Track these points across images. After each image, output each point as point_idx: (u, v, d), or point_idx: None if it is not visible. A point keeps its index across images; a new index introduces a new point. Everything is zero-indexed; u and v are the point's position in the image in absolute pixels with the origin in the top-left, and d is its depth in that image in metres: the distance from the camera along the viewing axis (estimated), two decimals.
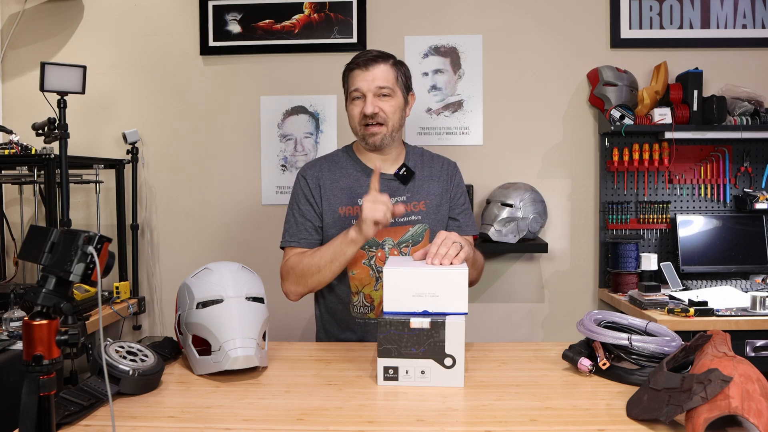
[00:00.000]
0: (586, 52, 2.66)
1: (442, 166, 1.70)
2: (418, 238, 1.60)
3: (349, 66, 1.61)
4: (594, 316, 1.30)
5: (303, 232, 1.62)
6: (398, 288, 1.20)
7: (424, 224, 1.61)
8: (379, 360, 1.18)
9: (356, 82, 1.56)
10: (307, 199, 1.63)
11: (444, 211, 1.66)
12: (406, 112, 1.64)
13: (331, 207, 1.61)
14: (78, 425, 0.99)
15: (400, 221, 1.60)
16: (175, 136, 2.75)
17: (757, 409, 0.84)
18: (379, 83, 1.55)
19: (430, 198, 1.63)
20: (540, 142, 2.69)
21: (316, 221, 1.62)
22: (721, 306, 2.09)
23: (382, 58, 1.58)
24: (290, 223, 1.65)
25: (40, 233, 0.93)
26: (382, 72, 1.56)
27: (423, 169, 1.67)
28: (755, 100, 2.51)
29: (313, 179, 1.64)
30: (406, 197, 1.62)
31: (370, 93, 1.55)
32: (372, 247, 1.58)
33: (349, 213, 1.60)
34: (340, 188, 1.62)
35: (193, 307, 1.27)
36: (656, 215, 2.61)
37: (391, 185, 1.61)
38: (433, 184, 1.66)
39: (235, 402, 1.10)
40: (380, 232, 1.56)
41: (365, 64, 1.56)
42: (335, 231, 1.58)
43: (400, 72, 1.60)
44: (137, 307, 2.57)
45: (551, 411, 1.05)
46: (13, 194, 2.73)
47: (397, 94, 1.58)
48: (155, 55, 2.74)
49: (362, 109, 1.56)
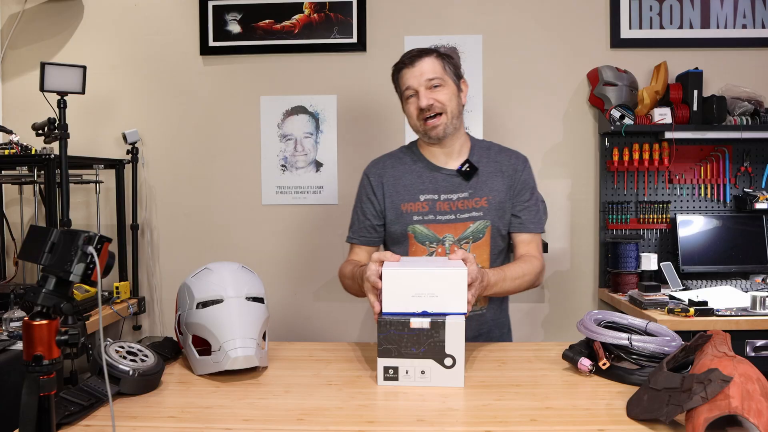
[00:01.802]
0: (586, 52, 2.66)
1: (509, 159, 1.66)
2: (479, 234, 1.60)
3: (396, 67, 1.63)
4: (594, 316, 1.30)
5: (363, 230, 1.67)
6: (397, 288, 1.20)
7: (486, 221, 1.60)
8: (379, 360, 1.18)
9: (406, 81, 1.59)
10: (369, 198, 1.67)
11: (508, 208, 1.63)
12: (462, 99, 1.64)
13: (393, 204, 1.64)
14: (78, 425, 0.99)
15: (461, 217, 1.60)
16: (175, 136, 2.75)
17: (757, 409, 0.84)
18: (428, 75, 1.56)
19: (493, 194, 1.62)
20: (540, 142, 2.69)
21: (376, 220, 1.66)
22: (721, 306, 2.09)
23: (425, 53, 1.60)
24: (353, 221, 1.71)
25: (40, 233, 0.93)
26: (428, 65, 1.58)
27: (489, 163, 1.65)
28: (755, 100, 2.51)
29: (375, 177, 1.67)
30: (468, 193, 1.61)
31: (421, 87, 1.57)
32: (432, 242, 1.60)
33: (410, 209, 1.62)
34: (403, 185, 1.65)
35: (193, 307, 1.27)
36: (656, 215, 2.61)
37: (453, 181, 1.62)
38: (498, 179, 1.63)
39: (235, 402, 1.10)
40: (441, 228, 1.59)
41: (410, 61, 1.58)
42: (398, 227, 1.62)
43: (446, 62, 1.62)
44: (137, 307, 2.57)
45: (551, 411, 1.05)
46: (13, 194, 2.73)
47: (447, 82, 1.59)
48: (155, 55, 2.74)
49: (417, 104, 1.57)
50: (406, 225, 1.61)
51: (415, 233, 1.60)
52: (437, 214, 1.60)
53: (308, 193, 2.73)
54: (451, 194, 1.61)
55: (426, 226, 1.60)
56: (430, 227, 1.60)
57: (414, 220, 1.60)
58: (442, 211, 1.60)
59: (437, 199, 1.61)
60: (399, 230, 1.61)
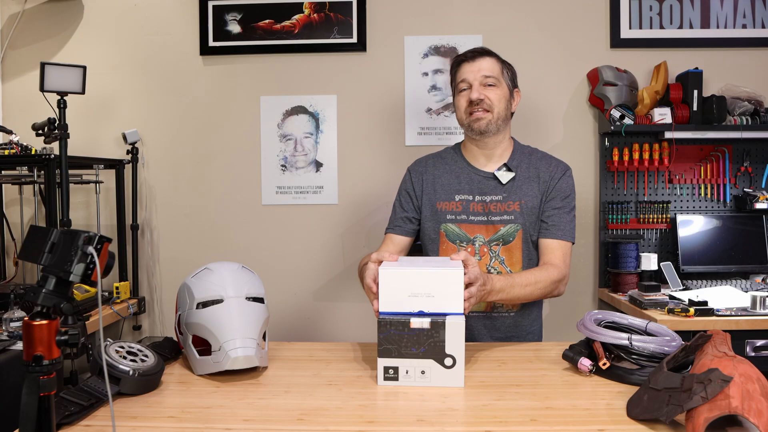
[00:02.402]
0: (586, 52, 2.66)
1: (549, 166, 1.67)
2: (509, 237, 1.62)
3: (457, 60, 1.67)
4: (594, 316, 1.30)
5: (399, 221, 1.73)
6: (394, 288, 1.19)
7: (517, 224, 1.62)
8: (379, 360, 1.18)
9: (463, 74, 1.63)
10: (408, 192, 1.74)
11: (540, 214, 1.64)
12: (512, 105, 1.68)
13: (429, 201, 1.69)
14: (78, 425, 0.99)
15: (492, 219, 1.63)
16: (175, 136, 2.75)
17: (757, 409, 0.84)
18: (485, 72, 1.61)
19: (526, 199, 1.63)
20: (540, 142, 2.67)
21: (412, 212, 1.72)
22: (721, 306, 2.09)
23: (488, 53, 1.65)
24: (393, 212, 1.77)
25: (40, 233, 0.93)
26: (488, 63, 1.62)
27: (528, 169, 1.67)
28: (755, 100, 2.51)
29: (417, 174, 1.74)
30: (502, 197, 1.64)
31: (476, 82, 1.61)
32: (463, 242, 1.63)
33: (444, 208, 1.66)
34: (441, 184, 1.69)
35: (193, 307, 1.27)
36: (656, 215, 2.61)
37: (489, 183, 1.65)
38: (533, 185, 1.65)
39: (235, 402, 1.10)
40: (472, 228, 1.63)
41: (472, 57, 1.63)
42: (431, 224, 1.67)
43: (505, 67, 1.67)
44: (137, 307, 2.57)
45: (551, 411, 1.05)
46: (13, 194, 2.73)
47: (502, 84, 1.63)
48: (155, 55, 2.74)
49: (468, 96, 1.61)
50: (439, 223, 1.66)
51: (447, 232, 1.65)
52: (470, 215, 1.64)
53: (308, 193, 2.73)
54: (485, 196, 1.64)
55: (458, 225, 1.64)
56: (461, 227, 1.64)
57: (447, 218, 1.65)
58: (475, 211, 1.63)
59: (471, 200, 1.65)
60: (432, 227, 1.67)
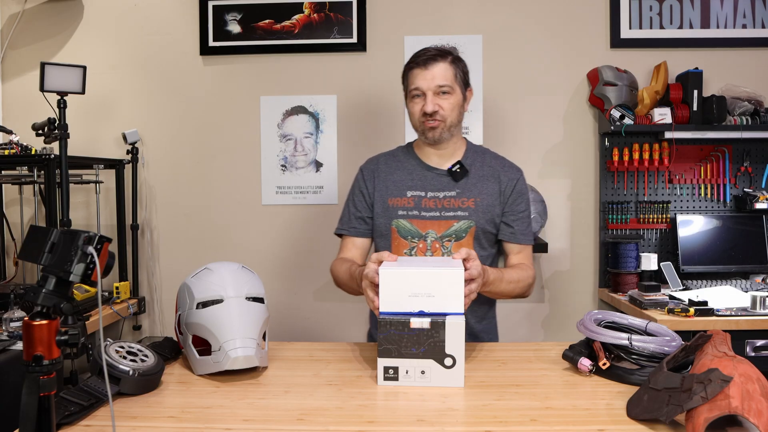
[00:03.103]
0: (586, 52, 2.66)
1: (503, 168, 1.68)
2: (461, 234, 1.61)
3: (409, 65, 1.64)
4: (594, 316, 1.30)
5: (352, 221, 1.71)
6: (394, 288, 1.19)
7: (470, 221, 1.61)
8: (379, 360, 1.18)
9: (416, 81, 1.60)
10: (360, 191, 1.71)
11: (495, 213, 1.64)
12: (464, 107, 1.67)
13: (381, 197, 1.67)
14: (78, 425, 0.99)
15: (446, 215, 1.62)
16: (175, 136, 2.75)
17: (757, 409, 0.84)
18: (439, 82, 1.58)
19: (481, 197, 1.63)
20: (540, 142, 2.69)
21: (366, 212, 1.70)
22: (721, 306, 2.09)
23: (441, 57, 1.60)
24: (344, 213, 1.74)
25: (40, 233, 0.93)
26: (441, 70, 1.59)
27: (482, 167, 1.67)
28: (755, 100, 2.51)
29: (369, 172, 1.72)
30: (456, 193, 1.63)
31: (429, 92, 1.58)
32: (415, 238, 1.62)
33: (396, 204, 1.65)
34: (392, 180, 1.68)
35: (193, 307, 1.27)
36: (656, 215, 2.61)
37: (442, 180, 1.65)
38: (489, 183, 1.65)
39: (235, 402, 1.10)
40: (424, 224, 1.62)
41: (425, 63, 1.59)
42: (383, 220, 1.66)
43: (458, 69, 1.63)
44: (137, 307, 2.57)
45: (551, 411, 1.05)
46: (13, 194, 2.73)
47: (455, 91, 1.61)
48: (155, 55, 2.74)
49: (422, 107, 1.59)
50: (390, 219, 1.64)
51: (398, 227, 1.63)
52: (422, 210, 1.63)
53: (308, 193, 2.73)
54: (439, 192, 1.64)
55: (410, 221, 1.62)
56: (413, 222, 1.62)
57: (399, 214, 1.63)
58: (428, 207, 1.63)
59: (423, 196, 1.64)
60: (384, 224, 1.65)
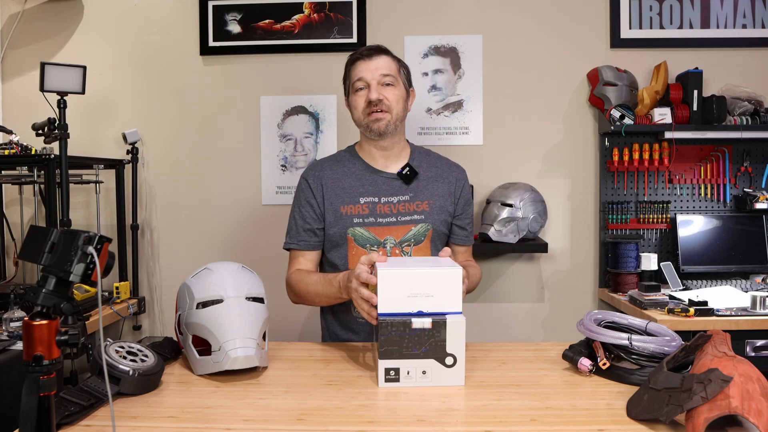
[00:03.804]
0: (586, 52, 2.66)
1: (449, 168, 1.70)
2: (420, 237, 1.60)
3: (352, 58, 1.64)
4: (594, 316, 1.30)
5: (302, 234, 1.64)
6: (393, 289, 1.19)
7: (427, 224, 1.61)
8: (380, 362, 1.17)
9: (359, 72, 1.59)
10: (308, 201, 1.64)
11: (448, 212, 1.65)
12: (408, 106, 1.66)
13: (332, 206, 1.61)
14: (78, 425, 0.99)
15: (402, 220, 1.60)
16: (175, 136, 2.75)
17: (757, 409, 0.84)
18: (383, 71, 1.58)
19: (433, 198, 1.64)
20: (540, 142, 2.69)
21: (316, 223, 1.63)
22: (721, 306, 2.09)
23: (383, 51, 1.62)
24: (291, 226, 1.67)
25: (40, 233, 0.93)
26: (385, 62, 1.59)
27: (429, 169, 1.67)
28: (755, 100, 2.51)
29: (315, 180, 1.65)
30: (409, 197, 1.62)
31: (374, 81, 1.57)
32: (373, 245, 1.58)
33: (350, 212, 1.60)
34: (342, 187, 1.63)
35: (193, 307, 1.27)
36: (656, 215, 2.61)
37: (393, 184, 1.63)
38: (438, 184, 1.66)
39: (235, 402, 1.10)
40: (381, 230, 1.58)
41: (368, 54, 1.59)
42: (337, 230, 1.59)
43: (401, 66, 1.64)
44: (137, 307, 2.57)
45: (551, 411, 1.05)
46: (13, 194, 2.73)
47: (399, 84, 1.61)
48: (155, 55, 2.74)
49: (367, 97, 1.57)
50: (345, 228, 1.59)
51: (355, 236, 1.59)
52: (378, 217, 1.59)
53: None
54: (392, 197, 1.61)
55: (366, 228, 1.59)
56: (370, 230, 1.59)
57: (354, 222, 1.59)
58: (383, 213, 1.59)
59: (378, 202, 1.60)
60: (338, 233, 1.60)
